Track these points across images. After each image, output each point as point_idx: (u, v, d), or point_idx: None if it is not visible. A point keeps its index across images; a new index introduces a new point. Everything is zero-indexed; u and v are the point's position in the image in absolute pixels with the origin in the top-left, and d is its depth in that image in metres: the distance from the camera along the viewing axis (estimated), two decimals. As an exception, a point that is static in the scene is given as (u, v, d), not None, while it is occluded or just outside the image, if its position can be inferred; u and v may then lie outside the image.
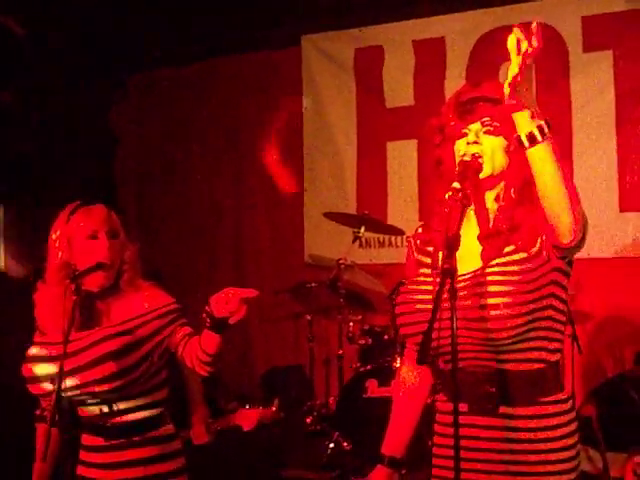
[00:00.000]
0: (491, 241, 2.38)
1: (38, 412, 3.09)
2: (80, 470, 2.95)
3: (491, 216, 2.43)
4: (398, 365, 5.14)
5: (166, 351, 2.93)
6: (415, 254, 2.59)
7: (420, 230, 2.62)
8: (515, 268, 2.29)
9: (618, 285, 5.91)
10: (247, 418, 4.00)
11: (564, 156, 2.16)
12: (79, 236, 2.87)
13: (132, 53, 7.56)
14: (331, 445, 5.38)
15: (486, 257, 2.36)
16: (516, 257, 2.32)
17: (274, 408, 4.03)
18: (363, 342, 5.75)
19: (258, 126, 7.37)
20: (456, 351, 2.07)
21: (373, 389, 5.21)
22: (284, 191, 7.27)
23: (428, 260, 2.52)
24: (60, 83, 6.87)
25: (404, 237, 6.49)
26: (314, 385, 6.55)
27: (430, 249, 2.53)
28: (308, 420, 5.90)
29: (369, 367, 5.43)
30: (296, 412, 5.92)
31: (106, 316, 2.93)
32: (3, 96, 6.46)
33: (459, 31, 6.55)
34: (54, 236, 2.92)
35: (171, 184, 7.74)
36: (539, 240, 2.31)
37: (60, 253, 2.88)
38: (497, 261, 2.33)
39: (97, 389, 2.78)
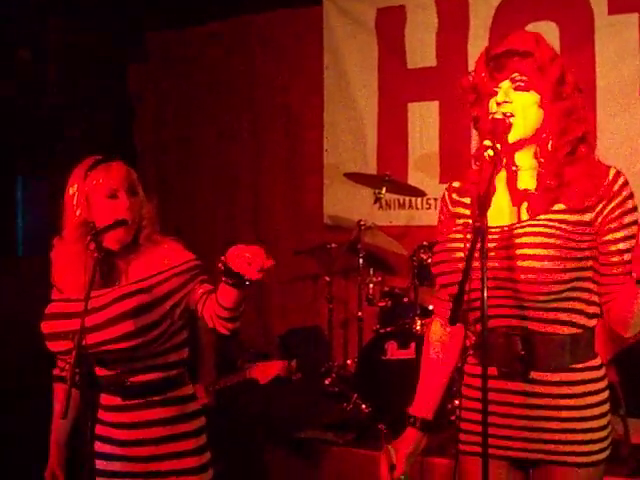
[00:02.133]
0: (538, 196, 2.34)
1: (56, 372, 3.09)
2: (99, 429, 2.94)
3: (533, 173, 2.39)
4: (419, 328, 5.15)
5: (186, 309, 2.90)
6: (450, 207, 2.55)
7: (455, 184, 2.58)
8: (563, 226, 2.26)
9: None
10: (263, 371, 3.99)
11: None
12: (98, 194, 2.81)
13: (150, 11, 7.49)
14: (349, 407, 5.37)
15: (533, 212, 2.33)
16: (566, 217, 2.28)
17: (292, 363, 4.01)
18: (383, 304, 5.74)
19: (278, 86, 7.31)
20: (486, 312, 2.04)
21: (392, 351, 5.20)
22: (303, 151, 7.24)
23: (466, 212, 2.48)
24: (79, 42, 6.84)
25: (424, 199, 6.48)
26: (332, 347, 6.54)
27: (467, 201, 2.49)
28: (327, 381, 5.91)
29: (389, 329, 5.41)
30: (314, 373, 5.91)
31: (125, 274, 2.91)
32: (23, 54, 6.43)
33: (483, -9, 6.45)
34: (71, 191, 2.85)
35: (189, 147, 7.70)
36: (594, 213, 2.28)
37: (78, 210, 2.82)
38: (545, 217, 2.30)
39: (115, 347, 2.75)
